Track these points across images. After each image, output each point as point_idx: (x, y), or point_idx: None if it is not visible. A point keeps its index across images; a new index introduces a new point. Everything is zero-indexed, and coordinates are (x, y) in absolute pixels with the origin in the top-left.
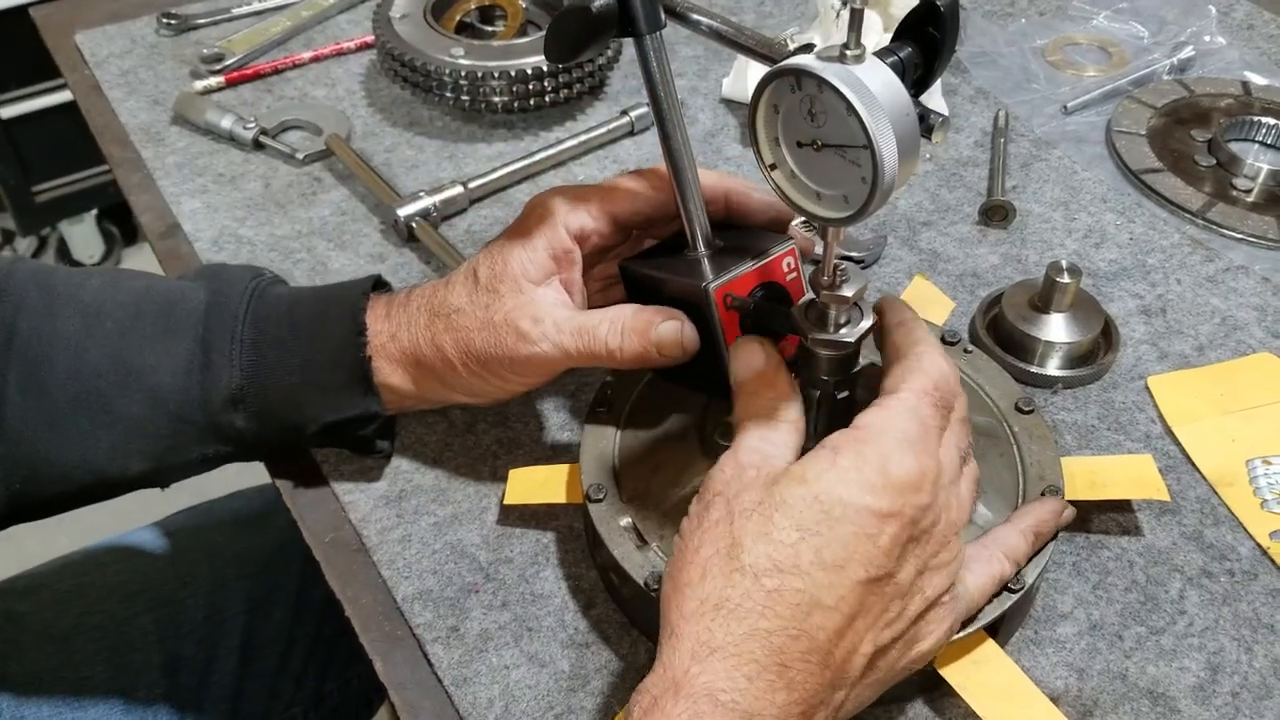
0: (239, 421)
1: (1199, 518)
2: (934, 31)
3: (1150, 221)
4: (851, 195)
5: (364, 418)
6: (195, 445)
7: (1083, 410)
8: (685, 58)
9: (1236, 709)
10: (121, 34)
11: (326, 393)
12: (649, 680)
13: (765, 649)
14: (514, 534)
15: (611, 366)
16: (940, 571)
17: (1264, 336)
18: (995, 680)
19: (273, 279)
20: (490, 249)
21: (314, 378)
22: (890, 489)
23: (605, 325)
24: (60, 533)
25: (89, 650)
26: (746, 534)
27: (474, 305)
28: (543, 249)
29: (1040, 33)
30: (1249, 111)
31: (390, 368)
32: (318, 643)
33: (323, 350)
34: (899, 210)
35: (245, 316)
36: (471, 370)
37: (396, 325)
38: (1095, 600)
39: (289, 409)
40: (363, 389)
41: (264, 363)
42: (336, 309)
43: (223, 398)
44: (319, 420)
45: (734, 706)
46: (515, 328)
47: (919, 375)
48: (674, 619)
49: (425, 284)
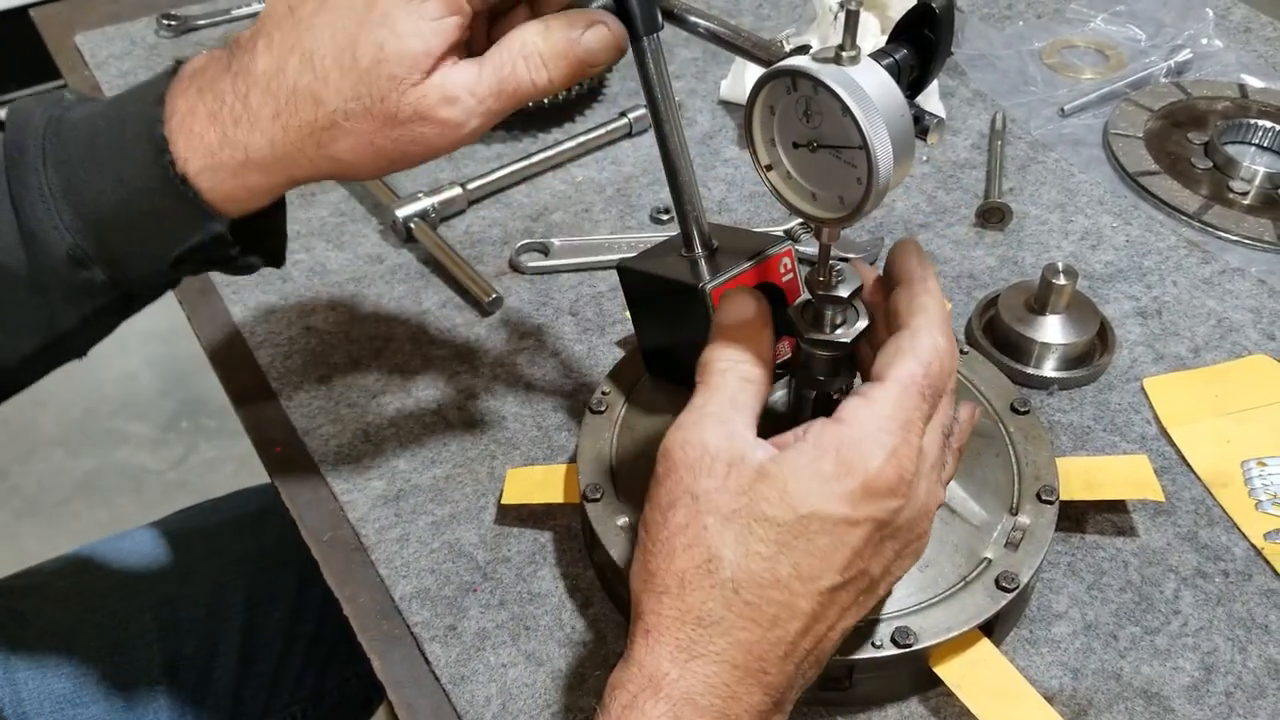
0: (97, 277)
1: (1194, 518)
2: (929, 33)
3: (1147, 224)
4: (847, 196)
5: (209, 240)
6: (70, 308)
7: (1078, 411)
8: (683, 60)
9: (1230, 709)
10: (121, 35)
11: (159, 223)
12: (624, 675)
13: (744, 656)
14: (511, 533)
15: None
16: (910, 556)
17: (1259, 338)
18: (990, 679)
19: (71, 103)
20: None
21: (137, 210)
22: (869, 498)
23: (520, 64)
24: (61, 531)
25: (89, 648)
26: (725, 545)
27: (362, 101)
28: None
29: (1038, 35)
30: (1246, 114)
31: (231, 178)
32: (317, 642)
33: (133, 179)
34: (896, 212)
35: (45, 165)
36: (370, 169)
37: (231, 128)
38: (1090, 600)
39: (134, 253)
40: (194, 211)
41: (85, 210)
42: (132, 130)
43: (63, 261)
44: (167, 256)
45: (711, 708)
46: (433, 118)
47: (910, 360)
48: (650, 620)
49: (242, 57)
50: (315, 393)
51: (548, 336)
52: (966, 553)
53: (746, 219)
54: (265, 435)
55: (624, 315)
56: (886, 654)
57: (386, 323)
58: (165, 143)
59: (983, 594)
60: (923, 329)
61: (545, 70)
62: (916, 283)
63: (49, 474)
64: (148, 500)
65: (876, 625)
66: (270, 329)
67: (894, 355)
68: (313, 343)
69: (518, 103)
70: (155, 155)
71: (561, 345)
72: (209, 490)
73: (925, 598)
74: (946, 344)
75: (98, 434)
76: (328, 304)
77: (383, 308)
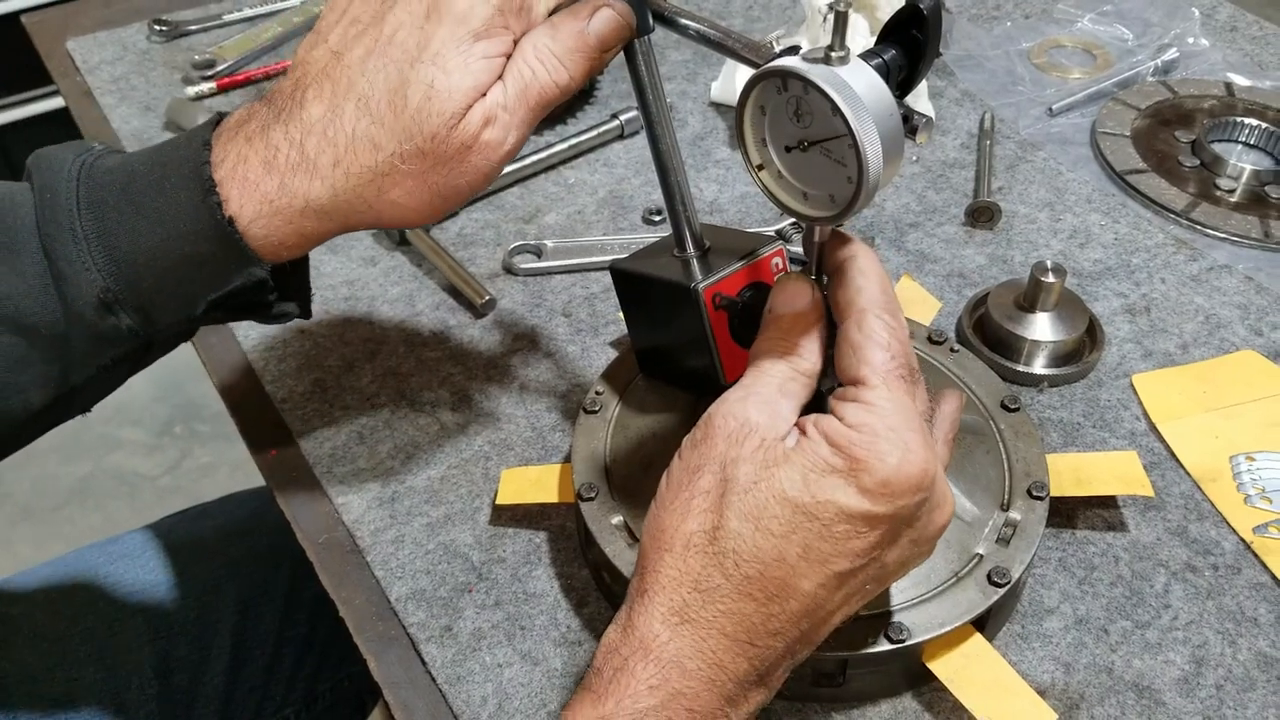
0: (124, 323)
1: (1183, 513)
2: (917, 34)
3: (1135, 221)
4: (837, 194)
5: (251, 285)
6: (88, 358)
7: (1068, 408)
8: (674, 62)
9: (1221, 701)
10: (113, 40)
11: (200, 268)
12: (616, 637)
13: (736, 627)
14: (506, 534)
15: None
16: (925, 549)
17: (1247, 334)
18: (983, 674)
19: (102, 151)
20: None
21: (177, 254)
22: (889, 495)
23: (539, 68)
24: (53, 535)
25: (81, 652)
26: (738, 516)
27: (414, 141)
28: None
29: (1026, 35)
30: (1232, 112)
31: (286, 225)
32: (309, 644)
33: (175, 221)
34: (886, 211)
35: (79, 207)
36: (426, 212)
37: (289, 176)
38: (1081, 595)
39: (167, 297)
40: (236, 254)
41: (119, 254)
42: (176, 173)
43: (92, 305)
44: (202, 299)
45: (698, 673)
46: (478, 145)
47: (873, 350)
48: (649, 579)
49: (289, 106)
50: (309, 396)
51: (541, 338)
52: (959, 548)
53: (738, 219)
54: (259, 439)
55: (617, 316)
56: (880, 649)
57: (380, 325)
58: (213, 185)
59: (975, 589)
60: (866, 313)
61: (564, 68)
62: (847, 268)
63: (43, 480)
64: (142, 506)
65: (869, 621)
66: (264, 332)
67: (856, 350)
68: (307, 346)
69: (545, 107)
70: (202, 196)
71: (555, 346)
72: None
73: (918, 593)
74: (894, 319)
75: (91, 440)
76: (322, 307)
77: (376, 311)
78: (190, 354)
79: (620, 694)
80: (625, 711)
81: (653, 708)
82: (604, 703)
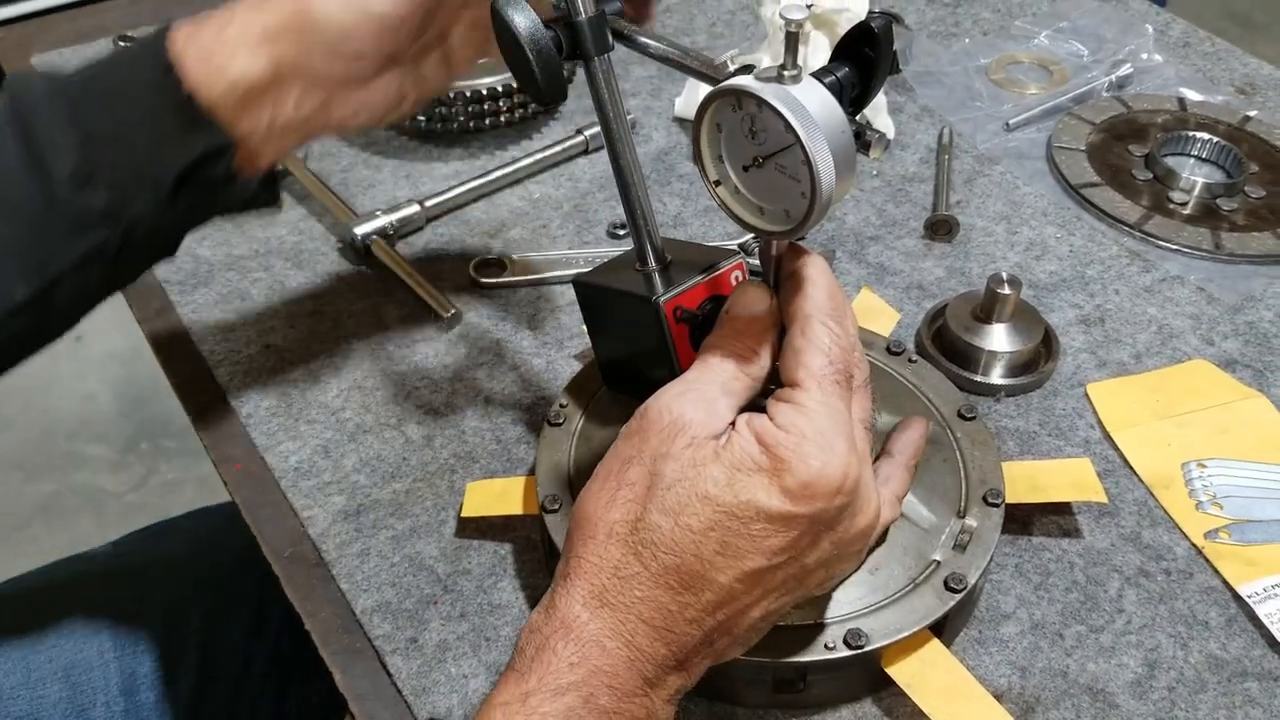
0: (98, 201)
1: (1136, 519)
2: (869, 51)
3: (1089, 234)
4: (792, 209)
5: (212, 153)
6: (68, 240)
7: (1024, 417)
8: (638, 78)
9: (1173, 703)
10: (78, 57)
11: (164, 139)
12: (539, 619)
13: (654, 613)
14: (472, 546)
15: None
16: (850, 559)
17: (1199, 344)
18: (941, 679)
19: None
20: None
21: (141, 132)
22: (809, 497)
23: None
24: (17, 553)
25: (46, 669)
26: (659, 510)
27: None
28: None
29: (983, 52)
30: (1184, 127)
31: (235, 96)
32: (275, 660)
33: (138, 101)
34: (847, 225)
35: (54, 97)
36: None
37: (233, 47)
38: (1037, 600)
39: (136, 170)
40: (198, 123)
41: (91, 132)
42: (136, 57)
43: (66, 183)
44: (170, 171)
45: (617, 653)
46: None
47: (812, 354)
48: (572, 564)
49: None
50: (275, 410)
51: (506, 351)
52: (916, 555)
53: (701, 233)
54: (225, 453)
55: (581, 329)
56: (839, 655)
57: (346, 339)
58: (170, 64)
59: (932, 595)
60: (810, 319)
61: None
62: (796, 275)
63: (7, 497)
64: (107, 523)
65: (829, 628)
66: (230, 347)
67: (796, 354)
68: (272, 360)
69: None
70: (162, 75)
71: (520, 359)
72: (169, 511)
73: (876, 600)
74: (838, 326)
75: (56, 456)
76: (287, 322)
77: (342, 324)
78: (155, 369)
79: (543, 671)
80: (547, 687)
81: (573, 683)
82: (526, 680)
